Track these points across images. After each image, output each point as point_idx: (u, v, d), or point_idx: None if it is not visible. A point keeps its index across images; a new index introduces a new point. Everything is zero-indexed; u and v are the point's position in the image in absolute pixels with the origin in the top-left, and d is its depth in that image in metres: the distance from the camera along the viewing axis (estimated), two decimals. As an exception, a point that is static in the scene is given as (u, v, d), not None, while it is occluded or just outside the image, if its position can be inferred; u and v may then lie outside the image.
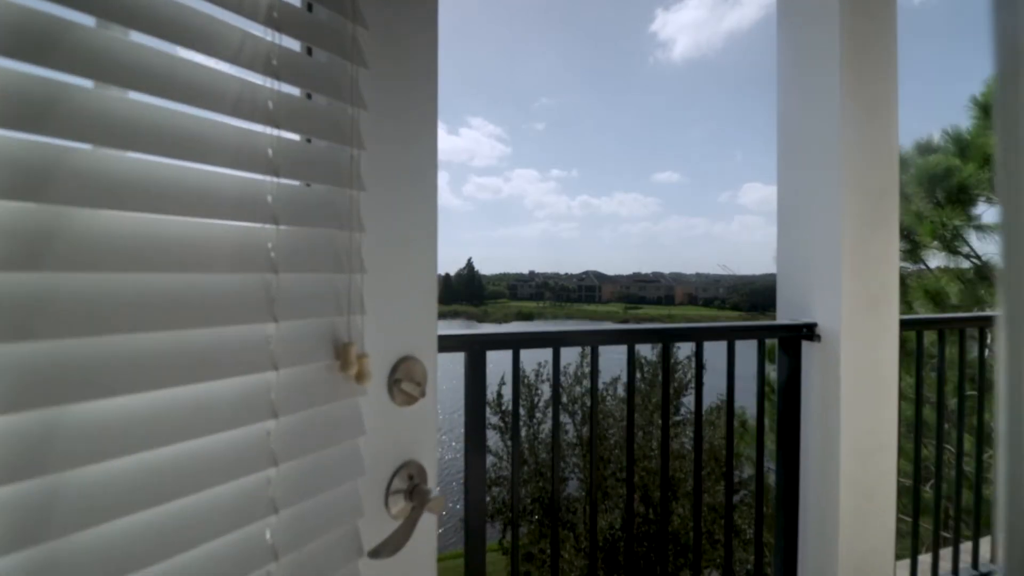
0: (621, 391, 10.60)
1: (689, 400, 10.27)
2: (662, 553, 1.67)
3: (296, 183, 0.63)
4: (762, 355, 1.71)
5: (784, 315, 1.85)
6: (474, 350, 1.37)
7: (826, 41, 1.70)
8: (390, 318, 0.76)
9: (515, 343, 1.43)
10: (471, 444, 1.42)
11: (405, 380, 0.76)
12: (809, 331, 1.73)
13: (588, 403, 10.59)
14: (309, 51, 0.68)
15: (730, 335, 1.65)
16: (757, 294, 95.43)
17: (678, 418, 10.27)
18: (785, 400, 1.77)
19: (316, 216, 0.64)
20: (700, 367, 1.64)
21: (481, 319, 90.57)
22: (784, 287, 1.87)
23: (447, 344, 1.35)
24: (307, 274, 0.63)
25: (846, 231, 1.67)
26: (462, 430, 1.44)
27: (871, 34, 1.69)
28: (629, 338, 1.56)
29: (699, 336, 1.62)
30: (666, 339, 1.60)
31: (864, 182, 1.69)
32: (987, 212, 5.97)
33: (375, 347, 0.72)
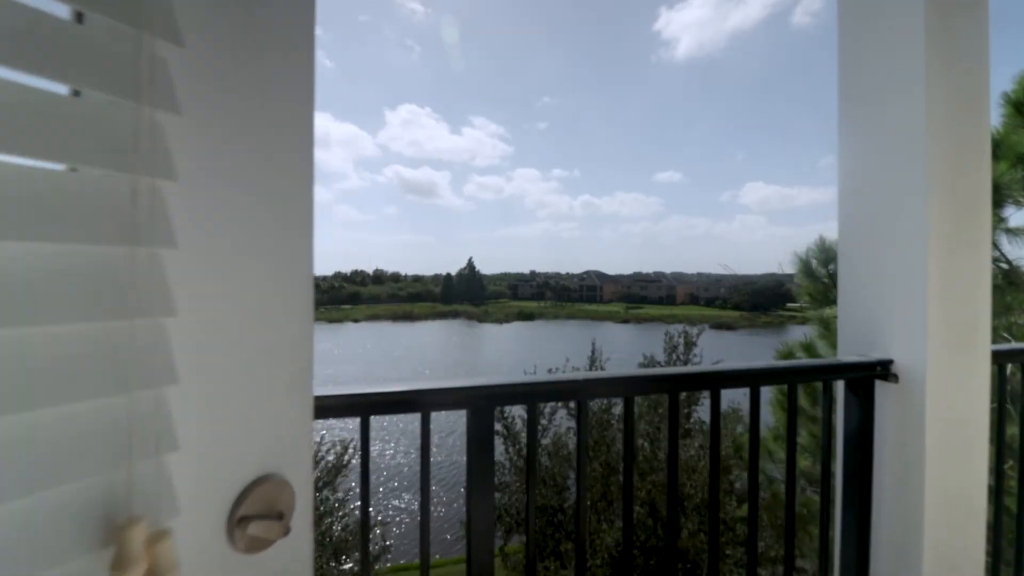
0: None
1: (702, 411, 9.96)
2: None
3: (16, 245, 0.33)
4: (828, 401, 1.41)
5: (848, 349, 1.54)
6: (479, 406, 1.07)
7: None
8: (234, 422, 0.48)
9: (530, 396, 1.12)
10: (475, 511, 1.12)
11: (258, 516, 0.48)
12: (884, 369, 1.42)
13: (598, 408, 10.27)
14: (80, 17, 0.38)
15: (791, 378, 1.35)
16: (758, 294, 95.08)
17: (688, 425, 9.97)
18: (853, 453, 1.46)
19: (58, 301, 0.34)
20: (757, 419, 1.34)
21: (482, 319, 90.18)
22: (848, 314, 1.56)
23: (443, 400, 1.05)
24: (42, 410, 0.34)
25: (933, 245, 1.36)
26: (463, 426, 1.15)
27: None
28: (671, 385, 1.26)
29: (755, 380, 1.32)
30: (715, 385, 1.29)
31: (955, 181, 1.38)
32: (1016, 215, 5.67)
33: (206, 468, 0.45)
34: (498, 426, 11.28)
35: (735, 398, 10.83)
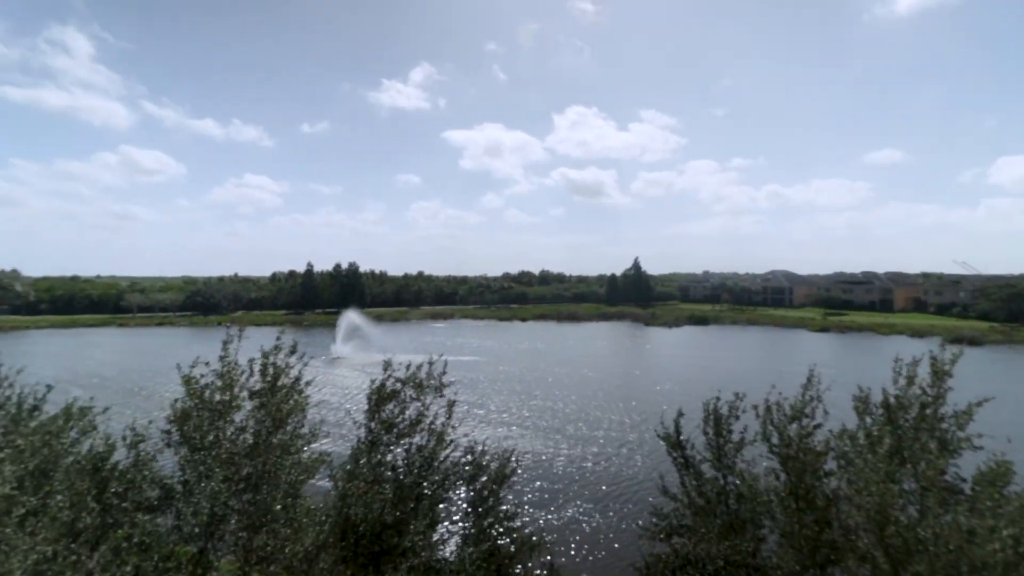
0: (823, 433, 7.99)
1: (963, 463, 7.24)
2: None
3: None
4: None
5: None
6: None
7: None
8: None
9: None
10: None
11: None
12: None
13: (801, 445, 8.29)
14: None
15: None
16: (1018, 299, 73.31)
17: (944, 480, 7.39)
18: None
19: None
20: None
21: (649, 322, 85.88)
22: None
23: None
24: None
25: None
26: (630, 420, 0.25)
27: None
28: None
29: None
30: None
31: None
32: None
33: None
34: (675, 453, 9.87)
35: (995, 444, 7.40)
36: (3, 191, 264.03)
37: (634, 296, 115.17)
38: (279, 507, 7.23)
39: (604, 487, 18.64)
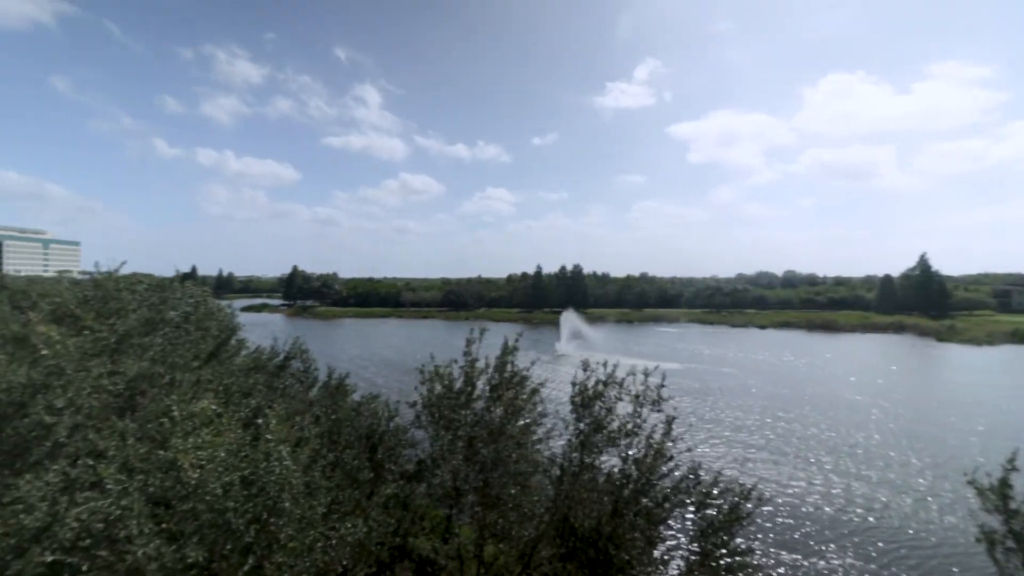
0: None
1: None
2: None
3: None
4: None
5: None
6: None
7: None
8: None
9: None
10: None
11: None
12: None
13: None
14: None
15: None
16: None
17: None
18: None
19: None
20: None
21: (944, 337, 66.42)
22: None
23: None
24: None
25: None
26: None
27: None
28: None
29: None
30: None
31: None
32: None
33: None
34: (998, 515, 7.14)
35: None
36: (328, 215, 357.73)
37: (920, 303, 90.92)
38: (510, 491, 7.77)
39: (877, 541, 14.98)
